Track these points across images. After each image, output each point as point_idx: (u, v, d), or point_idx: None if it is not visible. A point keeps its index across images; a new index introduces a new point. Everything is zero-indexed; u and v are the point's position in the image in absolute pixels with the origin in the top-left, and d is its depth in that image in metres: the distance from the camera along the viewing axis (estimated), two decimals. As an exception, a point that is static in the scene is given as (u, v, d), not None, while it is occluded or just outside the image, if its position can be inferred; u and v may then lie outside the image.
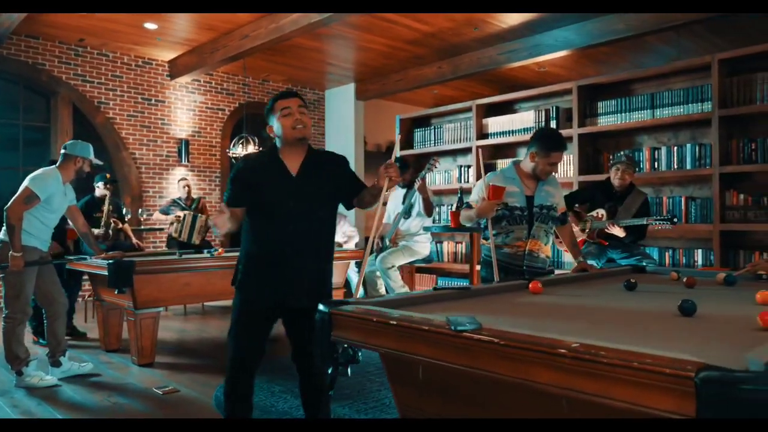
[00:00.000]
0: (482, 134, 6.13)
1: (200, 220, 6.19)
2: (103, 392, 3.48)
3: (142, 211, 6.83)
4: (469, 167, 6.25)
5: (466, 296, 2.13)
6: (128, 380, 3.72)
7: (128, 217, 5.94)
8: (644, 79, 5.08)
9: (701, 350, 1.30)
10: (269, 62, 8.06)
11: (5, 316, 3.60)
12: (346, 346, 1.73)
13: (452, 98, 9.35)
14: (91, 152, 3.80)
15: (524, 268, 3.05)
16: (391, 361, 1.68)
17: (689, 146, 4.67)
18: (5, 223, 3.48)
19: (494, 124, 6.05)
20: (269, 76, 8.75)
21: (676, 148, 4.75)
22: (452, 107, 6.56)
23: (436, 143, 6.64)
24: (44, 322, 3.88)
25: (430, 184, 6.61)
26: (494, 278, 2.97)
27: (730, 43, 6.44)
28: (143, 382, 3.69)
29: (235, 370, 2.30)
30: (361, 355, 1.78)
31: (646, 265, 3.57)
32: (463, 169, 6.35)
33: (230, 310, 2.41)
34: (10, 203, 3.47)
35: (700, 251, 4.61)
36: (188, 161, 8.03)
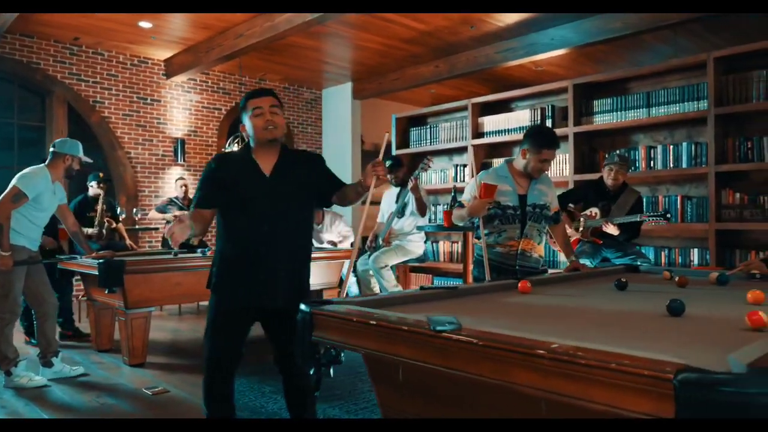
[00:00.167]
0: (478, 133, 6.10)
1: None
2: (92, 393, 3.45)
3: (136, 210, 6.79)
4: (464, 166, 6.21)
5: (453, 296, 2.10)
6: (118, 381, 3.69)
7: (122, 216, 5.90)
8: (640, 77, 5.05)
9: (685, 351, 1.27)
10: (266, 61, 8.03)
11: (-6, 316, 3.57)
12: (328, 347, 1.70)
13: (449, 97, 9.31)
14: (80, 150, 3.77)
15: (517, 267, 3.02)
16: (372, 361, 1.65)
17: (685, 145, 4.64)
18: None
19: (490, 122, 6.01)
20: (266, 75, 8.72)
21: (671, 146, 4.72)
22: (448, 106, 6.53)
23: (431, 142, 6.61)
24: (34, 322, 3.85)
25: (425, 183, 6.58)
26: (486, 278, 2.94)
27: (727, 41, 6.40)
28: (133, 382, 3.66)
29: (210, 371, 2.27)
30: (344, 355, 1.75)
31: (640, 264, 3.54)
32: (458, 168, 6.32)
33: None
34: (-3, 202, 3.45)
35: (696, 250, 4.58)
36: (184, 161, 8.00)
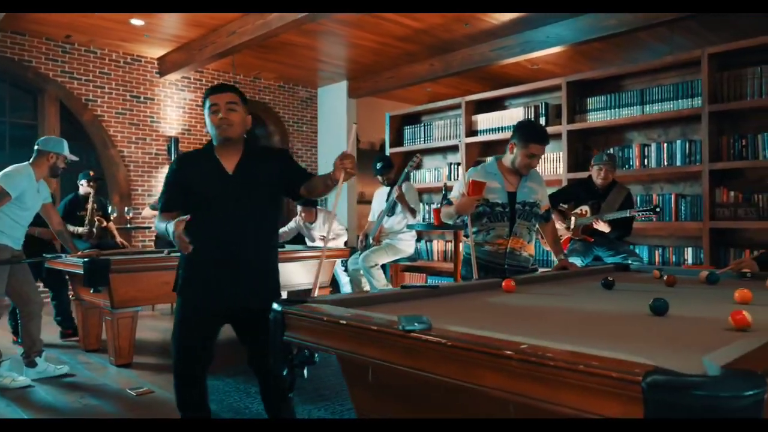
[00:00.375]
0: (472, 131, 6.05)
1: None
2: (75, 393, 3.40)
3: (128, 209, 6.75)
4: (458, 165, 6.16)
5: (434, 295, 2.05)
6: (103, 381, 3.64)
7: (114, 215, 5.86)
8: (634, 74, 5.00)
9: (662, 352, 1.22)
10: (260, 59, 7.98)
11: (-23, 315, 3.53)
12: (301, 347, 1.65)
13: (446, 96, 9.25)
14: (64, 148, 3.72)
15: (505, 266, 2.97)
16: (345, 362, 1.61)
17: (679, 143, 4.59)
18: None
19: (484, 120, 5.97)
20: (260, 73, 8.67)
21: (666, 144, 4.67)
22: (442, 104, 6.49)
23: (425, 140, 6.56)
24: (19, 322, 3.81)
25: (419, 181, 6.54)
26: (474, 277, 2.89)
27: (724, 39, 6.33)
28: (119, 382, 3.61)
29: (180, 375, 2.23)
30: (318, 356, 1.70)
31: (631, 263, 3.50)
32: (452, 166, 6.27)
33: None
34: (-20, 200, 3.40)
35: (690, 249, 4.53)
36: (178, 159, 7.94)
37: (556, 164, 5.28)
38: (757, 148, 4.20)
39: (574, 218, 4.04)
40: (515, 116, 5.64)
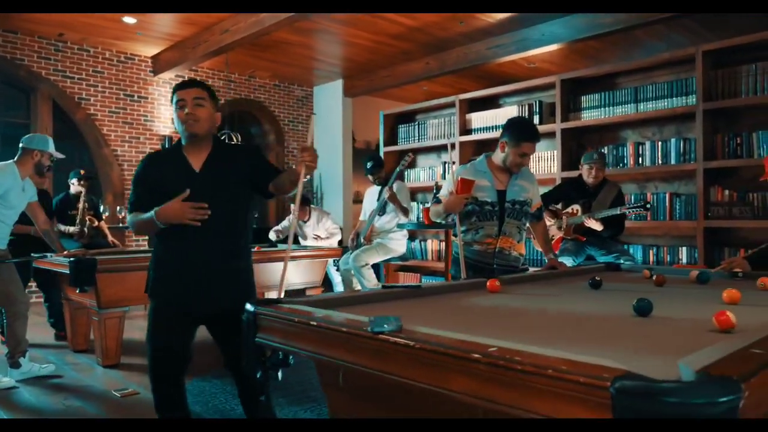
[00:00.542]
0: (466, 130, 6.00)
1: None
2: (60, 395, 3.36)
3: (121, 209, 6.70)
4: (453, 163, 6.11)
5: (416, 295, 2.01)
6: (89, 382, 3.60)
7: (106, 214, 5.81)
8: (628, 72, 4.95)
9: (639, 355, 1.18)
10: (254, 58, 7.93)
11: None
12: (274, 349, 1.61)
13: (442, 95, 9.17)
14: (49, 145, 3.68)
15: (494, 266, 2.93)
16: (319, 364, 1.56)
17: (674, 141, 4.54)
18: None
19: (478, 119, 5.92)
20: (255, 72, 8.62)
21: (660, 142, 4.62)
22: (435, 102, 6.44)
23: (420, 139, 6.51)
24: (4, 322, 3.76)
25: (413, 181, 6.49)
26: (462, 277, 2.84)
27: (720, 36, 6.29)
28: (105, 384, 3.56)
29: (156, 378, 2.18)
30: (292, 358, 1.66)
31: (623, 262, 3.46)
32: (446, 165, 6.23)
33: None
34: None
35: (684, 249, 4.48)
36: (172, 158, 7.89)
37: (549, 163, 5.23)
38: (751, 146, 4.15)
39: (565, 218, 3.99)
40: (509, 114, 5.59)
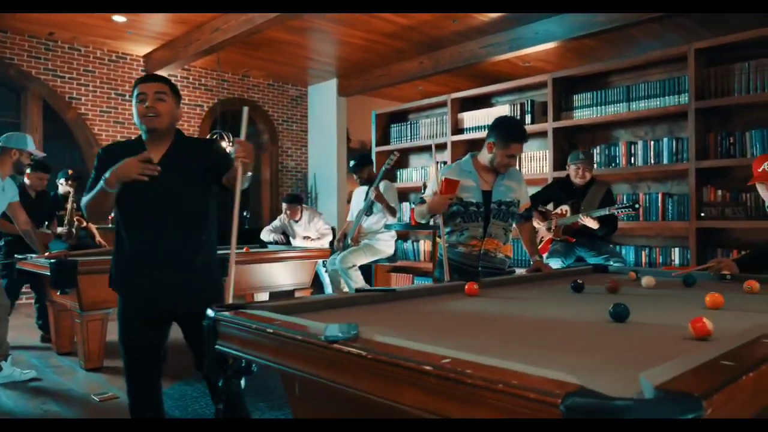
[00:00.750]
0: (458, 129, 5.94)
1: None
2: (39, 399, 3.30)
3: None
4: (445, 163, 6.05)
5: (390, 299, 1.94)
6: (69, 386, 3.54)
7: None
8: (621, 71, 4.88)
9: (604, 366, 1.12)
10: (248, 57, 7.88)
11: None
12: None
13: (437, 95, 9.13)
14: (28, 144, 3.62)
15: (479, 269, 2.86)
16: (282, 374, 1.50)
17: (666, 140, 4.48)
18: None
19: (470, 118, 5.86)
20: (249, 71, 8.56)
21: (652, 142, 4.56)
22: (427, 102, 6.38)
23: (412, 139, 6.45)
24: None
25: (405, 180, 6.43)
26: (445, 279, 2.78)
27: (714, 34, 6.23)
28: (85, 387, 3.51)
29: (130, 378, 2.14)
30: (255, 365, 1.59)
31: (612, 264, 3.40)
32: (439, 165, 6.16)
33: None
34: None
35: (677, 250, 4.42)
36: (164, 158, 7.83)
37: (541, 163, 5.17)
38: (744, 145, 4.09)
39: (554, 219, 3.93)
40: (501, 114, 5.51)
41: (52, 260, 3.68)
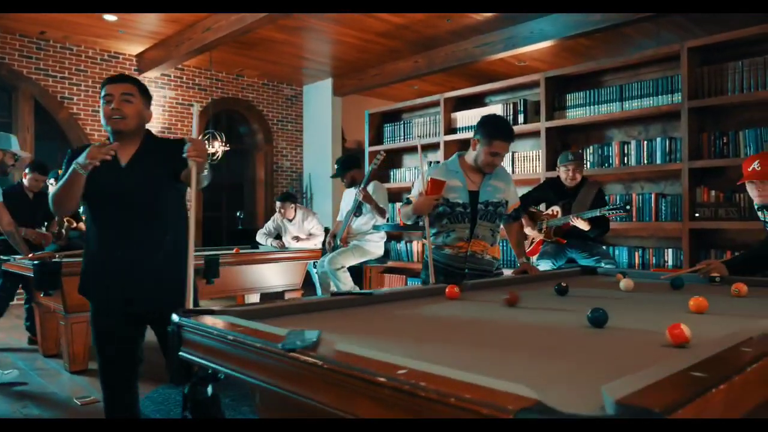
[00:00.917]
0: (451, 129, 5.89)
1: None
2: (21, 402, 3.25)
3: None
4: (437, 163, 6.00)
5: (365, 303, 1.89)
6: (53, 389, 3.49)
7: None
8: (615, 70, 4.83)
9: (571, 376, 1.07)
10: (241, 56, 7.83)
11: None
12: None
13: (433, 94, 9.11)
14: (12, 144, 3.58)
15: (466, 271, 2.81)
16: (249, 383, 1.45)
17: (659, 140, 4.42)
18: None
19: (463, 118, 5.81)
20: (243, 71, 8.52)
21: (645, 142, 4.50)
22: (421, 101, 6.33)
23: (405, 138, 6.40)
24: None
25: (398, 180, 6.38)
26: (431, 281, 2.73)
27: (709, 33, 6.19)
28: (69, 390, 3.46)
29: (105, 380, 2.11)
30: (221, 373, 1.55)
31: (603, 265, 3.36)
32: (432, 165, 6.11)
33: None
34: None
35: (670, 251, 4.37)
36: (157, 158, 7.78)
37: (534, 163, 5.12)
38: (738, 145, 4.04)
39: (545, 220, 3.88)
40: (495, 113, 5.47)
41: (35, 262, 3.63)
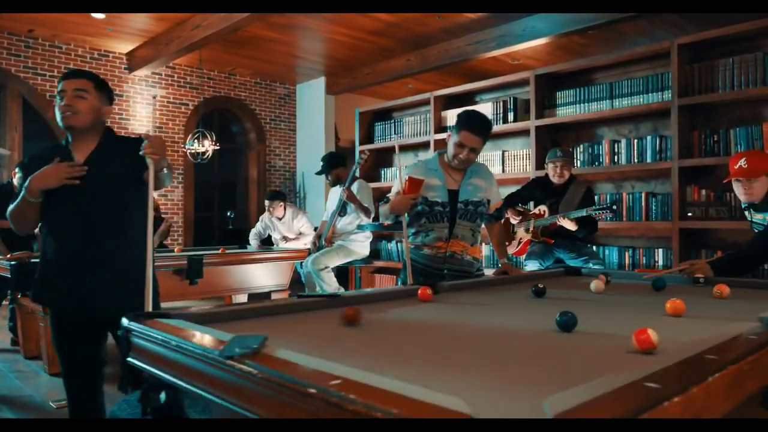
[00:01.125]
0: (441, 127, 5.83)
1: (165, 222, 5.94)
2: (-5, 405, 3.20)
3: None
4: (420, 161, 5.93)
5: (331, 305, 1.83)
6: (29, 392, 3.43)
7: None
8: (605, 67, 4.77)
9: (528, 383, 1.01)
10: (233, 55, 7.77)
11: None
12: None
13: (426, 92, 9.04)
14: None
15: (445, 271, 2.75)
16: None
17: (650, 138, 4.36)
18: None
19: (453, 116, 5.71)
20: (235, 69, 8.45)
21: (636, 140, 4.44)
22: (411, 99, 6.27)
23: (396, 137, 6.34)
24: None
25: (391, 179, 6.31)
26: (408, 282, 2.67)
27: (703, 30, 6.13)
28: (45, 393, 3.40)
29: (67, 385, 2.07)
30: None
31: (591, 266, 3.30)
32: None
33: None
34: None
35: (660, 251, 4.30)
36: (148, 157, 7.71)
37: (524, 162, 5.06)
38: (729, 143, 3.97)
39: (532, 219, 3.81)
40: (485, 111, 5.35)
41: (12, 262, 3.57)
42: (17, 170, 4.75)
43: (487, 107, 5.40)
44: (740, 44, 3.96)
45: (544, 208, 3.77)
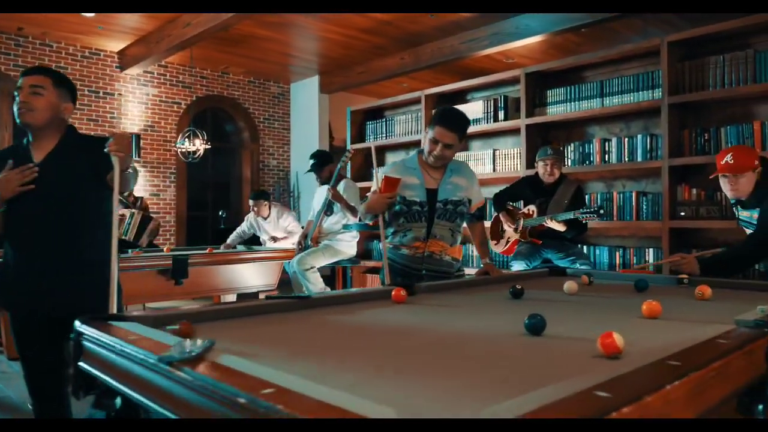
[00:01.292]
0: (432, 126, 5.77)
1: (154, 221, 5.88)
2: (-28, 407, 3.15)
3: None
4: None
5: (298, 308, 1.78)
6: (7, 393, 3.40)
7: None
8: (596, 65, 4.72)
9: (479, 391, 0.96)
10: (226, 53, 7.72)
11: None
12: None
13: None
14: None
15: (423, 272, 2.69)
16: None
17: (640, 137, 4.31)
18: None
19: (445, 115, 5.68)
20: (228, 68, 8.40)
21: (626, 139, 4.39)
22: (403, 98, 6.22)
23: (387, 136, 6.29)
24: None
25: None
26: (386, 283, 2.62)
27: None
28: (24, 395, 3.32)
29: (29, 388, 2.08)
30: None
31: (578, 266, 3.25)
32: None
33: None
34: None
35: (651, 250, 4.25)
36: (140, 156, 7.68)
37: (515, 161, 5.01)
38: (720, 142, 3.92)
39: (521, 219, 3.76)
40: (475, 110, 5.36)
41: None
42: None
43: (477, 106, 5.35)
44: (731, 42, 3.91)
45: (533, 207, 3.72)
